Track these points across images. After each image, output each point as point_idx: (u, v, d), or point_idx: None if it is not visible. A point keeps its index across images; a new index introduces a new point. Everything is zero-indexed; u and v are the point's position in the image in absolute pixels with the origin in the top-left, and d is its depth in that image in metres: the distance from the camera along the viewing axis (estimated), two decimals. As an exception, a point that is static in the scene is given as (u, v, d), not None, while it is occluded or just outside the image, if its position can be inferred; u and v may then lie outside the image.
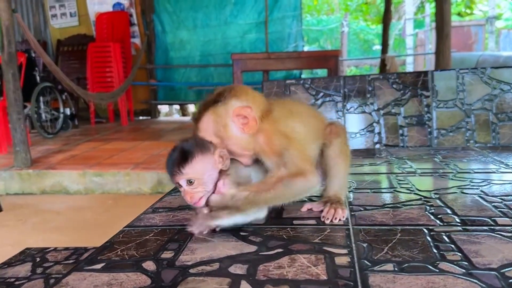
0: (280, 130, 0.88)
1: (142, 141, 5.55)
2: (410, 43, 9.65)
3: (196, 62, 7.69)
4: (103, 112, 7.41)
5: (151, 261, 0.75)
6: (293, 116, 0.95)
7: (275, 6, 7.40)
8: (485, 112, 2.18)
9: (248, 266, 0.71)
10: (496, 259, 0.70)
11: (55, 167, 4.43)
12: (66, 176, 4.34)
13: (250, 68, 4.98)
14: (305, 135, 0.93)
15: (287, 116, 0.93)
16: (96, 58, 6.71)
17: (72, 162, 4.59)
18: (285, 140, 0.87)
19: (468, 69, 2.26)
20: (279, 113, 0.90)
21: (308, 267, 0.70)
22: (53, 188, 4.36)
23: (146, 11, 7.44)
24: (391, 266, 0.69)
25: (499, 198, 1.00)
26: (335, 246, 0.78)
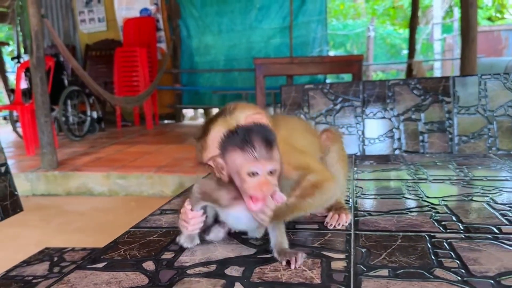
0: (293, 146, 0.88)
1: (166, 144, 5.63)
2: (438, 48, 9.49)
3: (220, 66, 7.76)
4: (129, 115, 7.56)
5: (151, 261, 0.77)
6: (298, 132, 0.95)
7: (300, 11, 7.41)
8: (508, 119, 2.13)
9: (245, 268, 0.72)
10: (494, 267, 0.68)
11: (80, 169, 4.54)
12: (91, 178, 4.44)
13: (273, 73, 4.99)
14: (311, 148, 0.93)
15: (293, 132, 0.93)
16: (123, 63, 6.85)
17: (97, 164, 4.70)
18: (300, 154, 0.87)
19: (490, 74, 2.22)
20: (285, 130, 0.89)
21: (303, 270, 0.71)
22: (78, 190, 4.46)
23: (172, 16, 7.56)
24: (386, 272, 0.69)
25: (507, 206, 0.98)
26: (333, 251, 0.78)
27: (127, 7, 7.80)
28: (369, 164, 1.58)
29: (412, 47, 6.68)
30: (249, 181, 0.73)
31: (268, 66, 4.88)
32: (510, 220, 0.89)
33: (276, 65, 4.94)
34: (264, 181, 0.73)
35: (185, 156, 4.86)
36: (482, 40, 8.97)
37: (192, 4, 7.62)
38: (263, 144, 0.73)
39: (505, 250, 0.75)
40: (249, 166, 0.73)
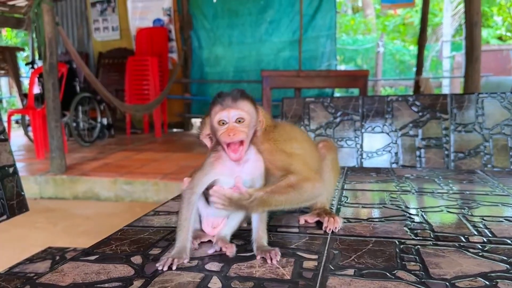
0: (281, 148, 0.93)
1: (173, 152, 5.72)
2: (447, 66, 9.52)
3: (230, 77, 7.87)
4: (139, 123, 7.67)
5: (139, 256, 0.83)
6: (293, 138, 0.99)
7: (310, 25, 7.51)
8: (503, 137, 2.17)
9: (223, 264, 0.79)
10: (453, 271, 0.74)
11: (88, 174, 4.63)
12: (98, 183, 4.53)
13: (279, 85, 5.07)
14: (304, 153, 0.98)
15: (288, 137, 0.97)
16: (135, 71, 6.99)
17: (104, 170, 4.79)
18: (287, 156, 0.92)
19: (487, 93, 2.26)
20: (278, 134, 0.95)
21: (276, 268, 0.77)
22: (85, 194, 4.55)
23: (184, 27, 7.70)
24: (352, 272, 0.75)
25: (480, 218, 1.03)
26: (308, 252, 0.84)
27: (141, 17, 7.96)
28: (359, 176, 1.63)
29: (420, 64, 6.73)
30: (220, 129, 0.84)
31: (275, 78, 4.96)
32: (479, 231, 0.95)
33: (283, 77, 5.03)
34: (231, 127, 0.83)
35: (191, 164, 4.93)
36: (491, 59, 9.00)
37: (204, 16, 7.76)
38: (230, 96, 0.84)
39: (467, 257, 0.80)
40: (217, 116, 0.84)
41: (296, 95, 5.43)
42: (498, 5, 12.29)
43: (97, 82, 5.29)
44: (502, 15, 12.59)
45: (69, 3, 8.56)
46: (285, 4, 7.46)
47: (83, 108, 6.29)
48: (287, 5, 7.47)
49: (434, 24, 11.99)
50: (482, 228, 0.96)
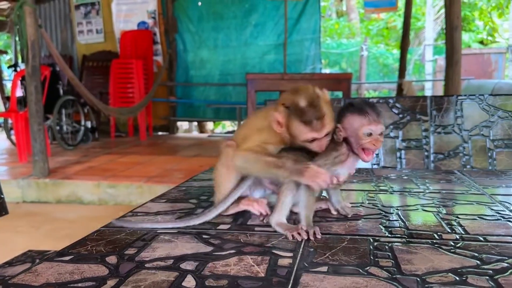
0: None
1: (158, 155, 5.69)
2: (430, 69, 9.66)
3: (215, 81, 7.87)
4: (123, 126, 7.62)
5: (114, 256, 0.83)
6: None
7: (294, 29, 7.55)
8: (482, 138, 2.20)
9: (199, 263, 0.79)
10: (424, 267, 0.75)
11: (71, 177, 4.59)
12: (81, 187, 4.49)
13: (264, 88, 5.08)
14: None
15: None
16: (119, 74, 6.94)
17: (88, 173, 4.75)
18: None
19: (466, 95, 2.30)
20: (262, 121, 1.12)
21: (251, 266, 0.77)
22: (68, 198, 4.50)
23: (169, 30, 7.68)
24: (325, 268, 0.75)
25: (454, 216, 1.05)
26: (284, 250, 0.85)
27: (125, 19, 7.92)
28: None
29: (403, 67, 6.81)
30: (365, 139, 0.98)
31: (260, 81, 4.97)
32: (453, 228, 0.96)
33: (267, 80, 5.04)
34: (376, 139, 0.99)
35: (175, 167, 4.92)
36: (472, 62, 9.14)
37: (189, 19, 7.75)
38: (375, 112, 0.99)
39: (439, 253, 0.82)
40: (366, 128, 0.98)
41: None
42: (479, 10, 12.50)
43: (80, 85, 5.24)
44: (483, 19, 12.81)
45: (53, 5, 8.48)
46: (269, 7, 7.50)
47: (67, 111, 6.23)
48: (272, 9, 7.51)
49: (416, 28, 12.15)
50: (456, 226, 0.98)
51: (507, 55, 9.09)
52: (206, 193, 1.36)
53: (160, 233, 0.97)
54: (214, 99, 7.91)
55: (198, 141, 7.34)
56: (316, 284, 0.70)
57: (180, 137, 7.96)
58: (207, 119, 8.33)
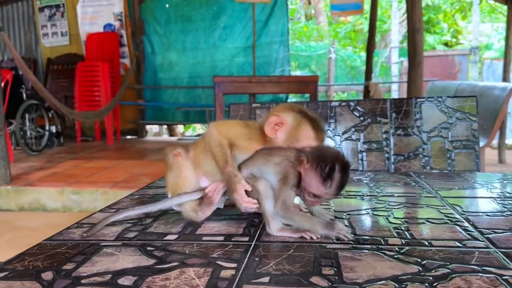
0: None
1: (125, 160, 5.60)
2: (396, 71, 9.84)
3: (184, 83, 7.81)
4: (90, 130, 7.48)
5: (50, 272, 0.80)
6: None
7: (263, 31, 7.57)
8: (441, 140, 2.24)
9: (138, 278, 0.76)
10: (366, 274, 0.75)
11: (34, 184, 4.47)
12: (44, 193, 4.38)
13: (232, 91, 5.07)
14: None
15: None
16: (85, 77, 6.82)
17: (52, 180, 4.63)
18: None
19: (425, 97, 2.33)
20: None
21: (192, 279, 0.75)
22: (31, 205, 4.38)
23: (136, 32, 7.59)
24: (267, 279, 0.74)
25: (403, 221, 1.06)
26: (228, 260, 0.83)
27: (91, 22, 7.79)
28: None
29: (369, 69, 6.91)
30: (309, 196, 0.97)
31: (227, 84, 4.95)
32: (400, 233, 0.97)
33: (235, 83, 5.03)
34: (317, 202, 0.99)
35: (143, 172, 4.85)
36: (437, 64, 9.35)
37: (156, 21, 7.68)
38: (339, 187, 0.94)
39: (382, 260, 0.82)
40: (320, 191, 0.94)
41: (251, 101, 5.45)
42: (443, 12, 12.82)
43: (43, 89, 5.12)
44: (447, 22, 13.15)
45: (16, 8, 8.26)
46: (238, 10, 7.50)
47: (30, 115, 6.07)
48: (240, 11, 7.51)
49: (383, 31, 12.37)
50: (402, 230, 0.98)
51: (470, 56, 9.34)
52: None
53: (103, 245, 0.94)
54: (184, 102, 7.86)
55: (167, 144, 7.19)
56: (255, 296, 0.68)
57: (149, 141, 7.86)
58: (177, 122, 8.27)
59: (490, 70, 8.20)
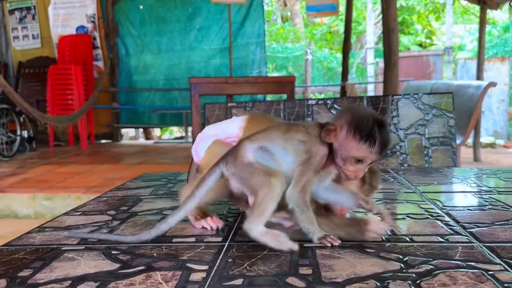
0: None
1: (99, 164, 5.47)
2: (372, 72, 9.93)
3: (160, 86, 7.70)
4: (63, 135, 7.30)
5: (4, 279, 0.73)
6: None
7: (239, 33, 7.53)
8: (418, 137, 2.23)
9: (99, 284, 0.70)
10: (345, 273, 0.70)
11: (4, 190, 4.33)
12: (15, 200, 4.24)
13: (208, 92, 5.01)
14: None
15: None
16: (57, 81, 6.65)
17: (23, 185, 4.50)
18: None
19: (401, 95, 2.32)
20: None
21: (159, 283, 0.70)
22: (2, 212, 4.24)
23: (110, 34, 7.45)
24: (241, 281, 0.69)
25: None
26: (199, 263, 0.78)
27: (63, 24, 7.62)
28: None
29: (345, 70, 6.93)
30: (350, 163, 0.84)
31: (204, 85, 4.89)
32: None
33: (211, 84, 4.98)
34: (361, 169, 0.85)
35: (118, 176, 4.74)
36: (412, 64, 9.48)
37: (130, 22, 7.56)
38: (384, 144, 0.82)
39: (362, 257, 0.77)
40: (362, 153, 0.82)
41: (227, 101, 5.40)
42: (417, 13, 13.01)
43: (14, 93, 4.96)
44: (421, 23, 13.35)
45: (-16, 10, 8.02)
46: (213, 11, 7.44)
47: (1, 120, 5.90)
48: (216, 13, 7.46)
49: (358, 32, 12.48)
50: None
51: (444, 57, 9.49)
52: (128, 202, 1.27)
53: (64, 250, 0.87)
54: (160, 104, 7.75)
55: (143, 148, 7.14)
56: (227, 300, 0.63)
57: (124, 145, 7.72)
58: (153, 125, 8.15)
59: (464, 69, 8.33)
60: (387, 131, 0.82)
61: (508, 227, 0.94)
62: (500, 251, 0.79)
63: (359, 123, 0.81)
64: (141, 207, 1.19)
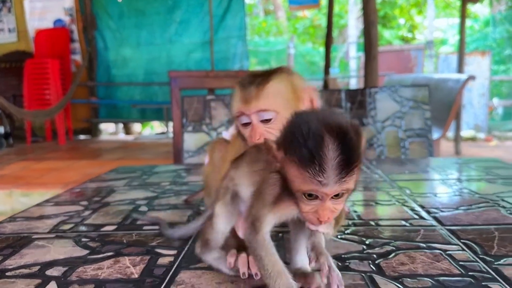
0: None
1: (78, 160, 5.40)
2: (354, 65, 9.99)
3: (139, 80, 7.61)
4: (40, 130, 7.19)
5: (-28, 266, 0.73)
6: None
7: (220, 26, 7.49)
8: (395, 129, 2.26)
9: (68, 268, 0.71)
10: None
11: (-20, 186, 4.24)
12: (-9, 196, 4.16)
13: (189, 86, 4.98)
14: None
15: None
16: (34, 75, 6.53)
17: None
18: None
19: (378, 87, 2.35)
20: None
21: (127, 267, 0.71)
22: (-23, 209, 4.16)
23: (88, 27, 7.34)
24: (205, 264, 0.70)
25: (352, 202, 1.05)
26: (168, 248, 0.79)
27: (40, 17, 7.47)
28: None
29: (328, 64, 6.96)
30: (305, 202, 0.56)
31: (183, 79, 4.86)
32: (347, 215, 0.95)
33: (192, 78, 4.95)
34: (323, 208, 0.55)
35: (96, 172, 4.67)
36: (394, 58, 9.56)
37: (108, 15, 7.45)
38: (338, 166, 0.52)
39: (326, 240, 0.79)
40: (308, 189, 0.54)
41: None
42: (399, 8, 13.13)
43: (-12, 87, 4.86)
44: (403, 16, 13.47)
45: (-42, 2, 7.83)
46: (193, 4, 7.38)
47: (-24, 116, 5.78)
48: (196, 5, 7.40)
49: (340, 26, 12.54)
50: (350, 212, 0.97)
51: (426, 51, 9.60)
52: (101, 193, 1.27)
53: (35, 238, 0.87)
54: (139, 99, 7.66)
55: (123, 143, 7.07)
56: (192, 281, 0.64)
57: (103, 140, 7.63)
58: (133, 120, 8.06)
59: (445, 64, 8.43)
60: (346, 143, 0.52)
61: (471, 211, 0.97)
62: (460, 233, 0.82)
63: (294, 135, 0.54)
64: (114, 198, 1.20)
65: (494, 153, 6.43)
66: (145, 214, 1.03)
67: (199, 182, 1.38)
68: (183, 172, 1.61)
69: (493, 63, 9.10)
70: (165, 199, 1.17)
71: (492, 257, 0.71)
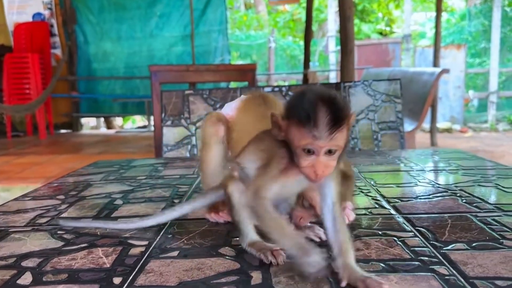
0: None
1: (59, 154, 5.38)
2: (333, 59, 10.09)
3: (120, 74, 7.58)
4: (21, 125, 7.12)
5: None
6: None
7: (201, 20, 7.49)
8: (368, 122, 2.32)
9: (43, 260, 0.74)
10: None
11: (-41, 182, 4.20)
12: (-30, 192, 4.12)
13: (169, 80, 4.99)
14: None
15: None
16: (13, 69, 6.47)
17: (-22, 177, 4.38)
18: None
19: (352, 82, 2.41)
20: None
21: (99, 258, 0.74)
22: (-44, 205, 4.12)
23: (68, 21, 7.28)
24: (176, 253, 0.75)
25: (318, 194, 1.10)
26: (140, 239, 0.83)
27: (19, 11, 7.38)
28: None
29: (307, 58, 7.03)
30: (303, 158, 0.66)
31: (164, 73, 4.86)
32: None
33: (172, 72, 4.95)
34: (319, 161, 0.65)
35: (78, 166, 4.67)
36: (371, 52, 9.68)
37: (88, 9, 7.39)
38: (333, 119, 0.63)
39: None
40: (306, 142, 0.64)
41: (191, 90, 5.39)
42: (377, 2, 13.26)
43: (-34, 82, 4.80)
44: (381, 11, 13.62)
45: None
46: (174, -3, 7.38)
47: (-47, 111, 5.70)
48: (177, -1, 7.39)
49: (320, 20, 12.62)
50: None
51: (403, 45, 9.74)
52: (78, 188, 1.30)
53: (11, 232, 0.91)
54: (121, 93, 7.64)
55: (104, 137, 7.05)
56: (161, 270, 0.69)
57: (85, 135, 7.60)
58: (114, 114, 8.04)
59: (422, 57, 8.58)
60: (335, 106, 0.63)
61: (429, 200, 1.03)
62: (416, 221, 0.88)
63: (295, 103, 0.66)
64: (91, 192, 1.23)
65: (469, 144, 6.59)
66: (120, 207, 1.07)
67: (174, 176, 1.42)
68: (160, 166, 1.65)
69: (468, 56, 9.28)
70: (141, 192, 1.21)
71: (441, 243, 0.76)
